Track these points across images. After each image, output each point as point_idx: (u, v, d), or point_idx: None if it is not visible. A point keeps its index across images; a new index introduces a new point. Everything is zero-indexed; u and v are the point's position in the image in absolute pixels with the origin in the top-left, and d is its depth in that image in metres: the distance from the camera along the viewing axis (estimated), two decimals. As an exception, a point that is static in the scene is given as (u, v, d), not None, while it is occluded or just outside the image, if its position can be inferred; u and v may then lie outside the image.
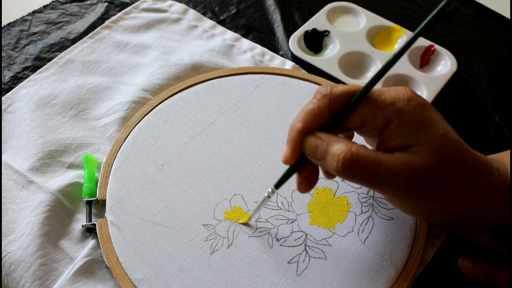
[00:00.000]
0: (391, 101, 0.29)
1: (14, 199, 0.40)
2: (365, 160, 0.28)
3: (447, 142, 0.29)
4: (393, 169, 0.28)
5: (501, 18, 0.59)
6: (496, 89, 0.51)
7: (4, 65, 0.51)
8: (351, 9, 0.58)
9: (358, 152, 0.28)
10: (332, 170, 0.29)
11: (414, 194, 0.29)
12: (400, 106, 0.29)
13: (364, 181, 0.29)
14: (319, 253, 0.36)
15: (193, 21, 0.56)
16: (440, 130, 0.29)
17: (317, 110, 0.30)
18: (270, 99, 0.46)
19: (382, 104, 0.29)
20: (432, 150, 0.28)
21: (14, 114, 0.46)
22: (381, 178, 0.28)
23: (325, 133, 0.30)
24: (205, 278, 0.35)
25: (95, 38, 0.53)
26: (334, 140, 0.29)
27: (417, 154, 0.28)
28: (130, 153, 0.42)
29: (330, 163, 0.29)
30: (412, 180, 0.28)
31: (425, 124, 0.29)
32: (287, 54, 0.53)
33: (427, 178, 0.28)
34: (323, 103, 0.30)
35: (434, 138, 0.29)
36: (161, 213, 0.38)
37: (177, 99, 0.46)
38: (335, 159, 0.28)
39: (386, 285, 0.35)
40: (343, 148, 0.28)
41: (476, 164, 0.30)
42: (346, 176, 0.29)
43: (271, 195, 0.34)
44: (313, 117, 0.30)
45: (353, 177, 0.29)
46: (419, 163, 0.28)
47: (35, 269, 0.36)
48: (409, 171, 0.28)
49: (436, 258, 0.37)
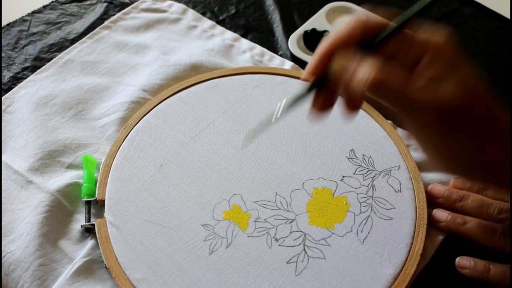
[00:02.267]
0: (428, 36, 0.29)
1: (13, 199, 0.40)
2: (395, 84, 0.27)
3: (479, 84, 0.29)
4: (422, 99, 0.27)
5: (501, 18, 0.59)
6: (496, 89, 0.51)
7: (4, 65, 0.51)
8: (351, 9, 0.58)
9: (390, 73, 0.27)
10: (361, 84, 0.27)
11: (442, 127, 0.29)
12: (437, 40, 0.28)
13: (391, 104, 0.28)
14: (318, 253, 0.36)
15: (193, 21, 0.56)
16: (472, 72, 0.29)
17: (351, 29, 0.29)
18: (269, 99, 0.46)
19: (418, 37, 0.29)
20: (464, 87, 0.28)
21: (13, 114, 0.46)
22: (409, 106, 0.28)
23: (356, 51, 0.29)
24: (204, 278, 0.35)
25: (95, 38, 0.53)
26: (366, 59, 0.28)
27: (449, 89, 0.28)
28: (129, 153, 0.42)
29: (359, 78, 0.27)
30: (442, 111, 0.28)
31: (459, 64, 0.28)
32: (287, 54, 0.53)
33: (456, 114, 0.28)
34: (358, 24, 0.29)
35: (467, 77, 0.28)
36: (160, 213, 0.38)
37: (176, 99, 0.46)
38: (368, 70, 0.27)
39: (385, 285, 0.35)
40: (372, 68, 0.27)
41: (502, 115, 0.30)
42: (373, 95, 0.28)
43: (278, 114, 0.32)
44: (346, 34, 0.29)
45: (380, 98, 0.28)
46: (450, 98, 0.28)
47: (34, 269, 0.36)
48: (437, 104, 0.28)
49: (435, 258, 0.37)
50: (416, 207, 0.39)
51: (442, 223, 0.38)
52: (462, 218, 0.38)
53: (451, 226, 0.38)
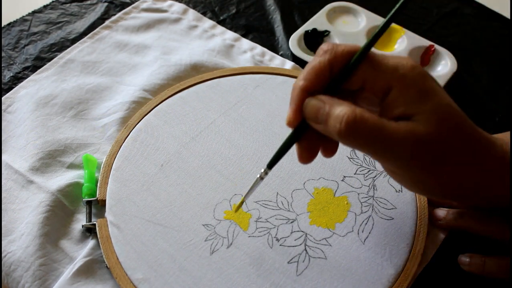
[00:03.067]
0: (393, 66, 0.28)
1: (14, 199, 0.40)
2: (369, 123, 0.27)
3: (453, 113, 0.28)
4: (397, 136, 0.27)
5: (501, 18, 0.59)
6: (496, 89, 0.51)
7: (4, 65, 0.51)
8: (351, 9, 0.58)
9: (362, 114, 0.27)
10: (335, 133, 0.28)
11: (417, 164, 0.28)
12: (403, 72, 0.28)
13: (366, 146, 0.28)
14: (319, 253, 0.36)
15: (193, 21, 0.56)
16: (445, 100, 0.28)
17: (317, 66, 0.29)
18: (270, 99, 0.46)
19: (384, 67, 0.28)
20: (437, 119, 0.27)
21: (14, 114, 0.46)
22: (385, 144, 0.27)
23: (327, 96, 0.29)
24: (205, 278, 0.35)
25: (95, 38, 0.53)
26: (337, 103, 0.28)
27: (421, 122, 0.27)
28: (130, 153, 0.42)
29: (332, 125, 0.28)
30: (416, 148, 0.27)
31: (429, 93, 0.28)
32: (287, 54, 0.53)
33: (432, 147, 0.28)
34: (325, 58, 0.29)
35: (439, 107, 0.28)
36: (161, 213, 0.38)
37: (177, 99, 0.46)
38: (338, 121, 0.27)
39: (386, 285, 0.35)
40: (346, 109, 0.27)
41: (479, 138, 0.30)
42: (348, 139, 0.28)
43: (263, 176, 0.33)
44: (314, 73, 0.29)
45: (356, 141, 0.28)
46: (424, 132, 0.27)
47: (35, 269, 0.36)
48: (413, 138, 0.27)
49: (436, 258, 0.37)
50: (417, 207, 0.39)
51: (441, 221, 0.38)
52: (459, 211, 0.38)
53: (450, 222, 0.38)
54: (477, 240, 0.37)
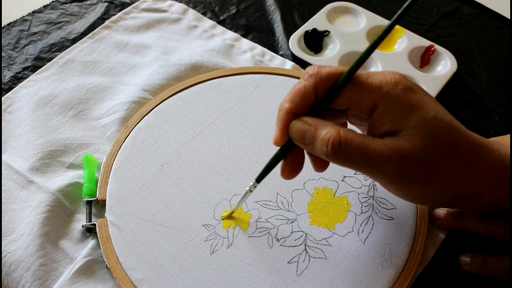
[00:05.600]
0: (377, 85, 0.28)
1: (14, 199, 0.40)
2: (353, 144, 0.28)
3: (438, 124, 0.28)
4: (381, 154, 0.28)
5: (501, 18, 0.59)
6: (496, 89, 0.51)
7: (4, 65, 0.51)
8: (351, 9, 0.58)
9: (347, 135, 0.28)
10: (322, 154, 0.29)
11: (405, 179, 0.29)
12: (387, 89, 0.28)
13: (354, 165, 0.29)
14: (319, 253, 0.36)
15: (193, 21, 0.56)
16: (430, 113, 0.28)
17: (303, 90, 0.29)
18: (270, 99, 0.46)
19: (368, 87, 0.29)
20: (423, 133, 0.28)
21: (14, 114, 0.46)
22: (370, 163, 0.28)
23: (312, 118, 0.29)
24: (205, 278, 0.35)
25: (95, 38, 0.53)
26: (322, 125, 0.29)
27: (406, 138, 0.28)
28: (130, 153, 0.42)
29: (319, 148, 0.28)
30: (402, 165, 0.28)
31: (413, 108, 0.28)
32: (287, 54, 0.53)
33: (418, 162, 0.28)
34: (310, 83, 0.29)
35: (423, 121, 0.28)
36: (161, 213, 0.38)
37: (177, 99, 0.46)
38: (324, 143, 0.28)
39: (386, 285, 0.35)
40: (331, 132, 0.28)
41: (472, 145, 0.30)
42: (336, 160, 0.29)
43: (252, 189, 0.34)
44: (300, 96, 0.30)
45: (343, 161, 0.29)
46: (409, 148, 0.27)
47: (35, 269, 0.36)
48: (398, 155, 0.27)
49: (436, 258, 0.37)
50: (417, 207, 0.39)
51: (441, 221, 0.38)
52: (459, 211, 0.38)
53: (450, 222, 0.38)
54: (478, 240, 0.37)
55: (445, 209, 0.39)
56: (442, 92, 0.49)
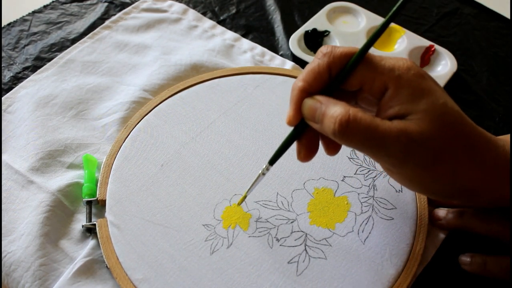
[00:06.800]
0: (390, 67, 0.29)
1: (14, 199, 0.40)
2: (362, 123, 0.28)
3: (448, 112, 0.28)
4: (390, 135, 0.27)
5: (501, 18, 0.59)
6: (496, 89, 0.51)
7: (4, 65, 0.51)
8: (351, 9, 0.58)
9: (356, 114, 0.28)
10: (330, 132, 0.29)
11: (411, 162, 0.29)
12: (399, 73, 0.28)
13: (361, 144, 0.29)
14: (319, 253, 0.36)
15: (193, 21, 0.56)
16: (440, 100, 0.28)
17: (317, 69, 0.30)
18: (270, 99, 0.46)
19: (381, 68, 0.29)
20: (432, 118, 0.28)
21: (14, 114, 0.46)
22: (378, 143, 0.28)
23: (323, 96, 0.30)
24: (205, 278, 0.35)
25: (95, 38, 0.53)
26: (333, 103, 0.29)
27: (415, 121, 0.28)
28: (130, 153, 0.42)
29: (327, 125, 0.28)
30: (409, 147, 0.28)
31: (424, 93, 0.28)
32: (287, 54, 0.53)
33: (426, 146, 0.28)
34: (323, 61, 0.29)
35: (433, 106, 0.28)
36: (161, 213, 0.38)
37: (177, 99, 0.46)
38: (332, 121, 0.28)
39: (386, 285, 0.35)
40: (341, 110, 0.28)
41: (479, 138, 0.30)
42: (343, 139, 0.28)
43: (265, 171, 0.34)
44: (313, 75, 0.30)
45: (349, 140, 0.28)
46: (417, 131, 0.27)
47: (35, 269, 0.36)
48: (406, 137, 0.27)
49: (436, 258, 0.37)
50: (417, 207, 0.39)
51: (441, 221, 0.38)
52: (459, 211, 0.38)
53: (450, 222, 0.38)
54: (478, 239, 0.37)
55: (445, 209, 0.39)
56: (442, 92, 0.49)
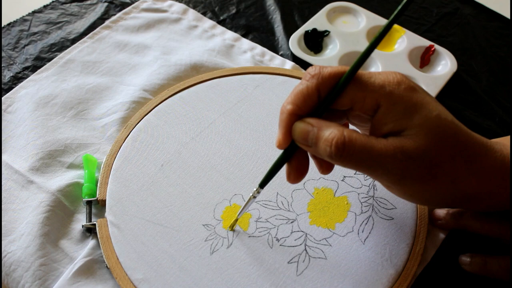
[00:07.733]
0: (380, 84, 0.28)
1: (14, 199, 0.40)
2: (358, 144, 0.27)
3: (442, 124, 0.28)
4: (386, 154, 0.27)
5: (501, 18, 0.59)
6: (496, 89, 0.51)
7: (4, 65, 0.51)
8: (351, 9, 0.58)
9: (350, 136, 0.27)
10: (325, 155, 0.28)
11: (409, 179, 0.28)
12: (390, 89, 0.28)
13: (358, 166, 0.28)
14: (319, 253, 0.36)
15: (193, 21, 0.56)
16: (433, 112, 0.28)
17: (306, 91, 0.29)
18: (270, 99, 0.46)
19: (371, 86, 0.28)
20: (426, 132, 0.28)
21: (14, 114, 0.46)
22: (375, 162, 0.28)
23: (314, 118, 0.29)
24: (205, 278, 0.35)
25: (95, 38, 0.53)
26: (325, 125, 0.28)
27: (410, 137, 0.28)
28: (130, 153, 0.42)
29: (322, 149, 0.28)
30: (406, 164, 0.28)
31: (416, 107, 0.28)
32: (287, 54, 0.53)
33: (423, 161, 0.28)
34: (312, 83, 0.29)
35: (427, 120, 0.28)
36: (161, 213, 0.38)
37: (177, 99, 0.46)
38: (328, 144, 0.28)
39: (386, 285, 0.35)
40: (335, 132, 0.28)
41: (475, 145, 0.30)
42: (339, 160, 0.28)
43: (256, 194, 0.34)
44: (302, 98, 0.29)
45: (347, 162, 0.28)
46: (413, 147, 0.27)
47: (35, 269, 0.36)
48: (402, 154, 0.27)
49: (436, 258, 0.37)
50: (417, 207, 0.39)
51: (441, 221, 0.38)
52: (459, 211, 0.38)
53: (450, 222, 0.38)
54: (478, 239, 0.37)
55: (445, 209, 0.39)
56: (442, 92, 0.49)
